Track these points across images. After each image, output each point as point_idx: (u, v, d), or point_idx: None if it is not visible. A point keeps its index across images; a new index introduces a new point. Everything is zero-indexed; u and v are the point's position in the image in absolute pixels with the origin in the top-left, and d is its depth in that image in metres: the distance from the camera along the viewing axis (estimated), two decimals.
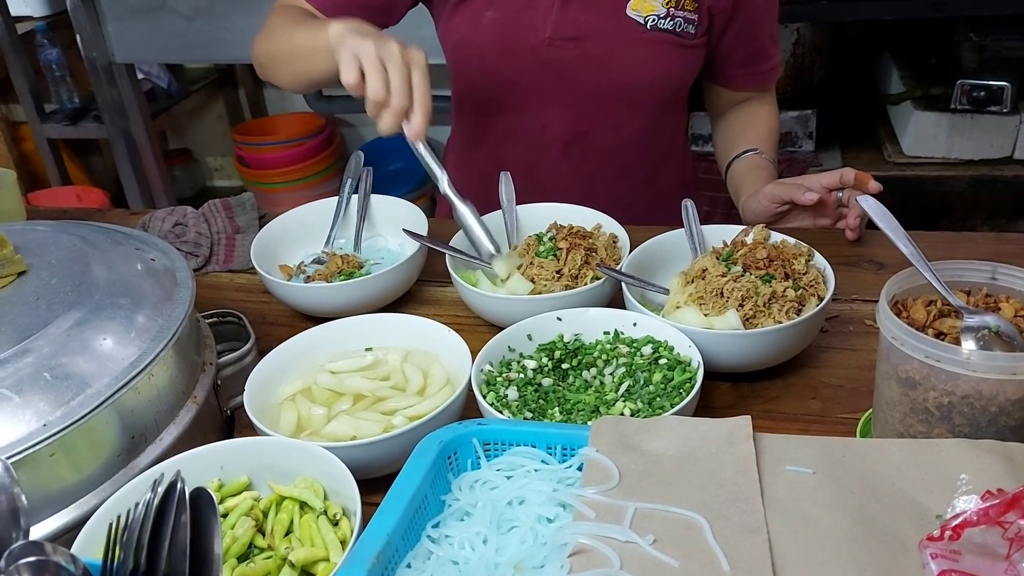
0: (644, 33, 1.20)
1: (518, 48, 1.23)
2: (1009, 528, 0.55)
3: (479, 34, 1.23)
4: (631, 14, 1.20)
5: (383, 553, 0.61)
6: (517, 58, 1.23)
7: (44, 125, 3.00)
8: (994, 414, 0.68)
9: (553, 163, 1.30)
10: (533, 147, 1.30)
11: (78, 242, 0.93)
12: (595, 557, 0.59)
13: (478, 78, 1.29)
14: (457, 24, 1.25)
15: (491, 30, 1.23)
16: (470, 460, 0.73)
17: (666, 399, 0.82)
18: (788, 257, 0.95)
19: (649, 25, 1.20)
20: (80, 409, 0.74)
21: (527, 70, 1.24)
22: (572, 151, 1.29)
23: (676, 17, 1.20)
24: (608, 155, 1.31)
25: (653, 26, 1.20)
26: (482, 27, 1.23)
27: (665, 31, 1.20)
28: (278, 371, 0.91)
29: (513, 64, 1.24)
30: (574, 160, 1.30)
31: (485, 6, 1.23)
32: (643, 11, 1.20)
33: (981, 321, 0.73)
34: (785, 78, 2.43)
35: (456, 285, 1.04)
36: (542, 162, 1.30)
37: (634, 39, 1.20)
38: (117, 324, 0.82)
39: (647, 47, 1.21)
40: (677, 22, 1.21)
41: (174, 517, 0.51)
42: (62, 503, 0.75)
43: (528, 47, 1.22)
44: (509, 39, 1.22)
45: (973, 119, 2.23)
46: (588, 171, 1.31)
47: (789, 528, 0.61)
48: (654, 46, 1.21)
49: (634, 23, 1.20)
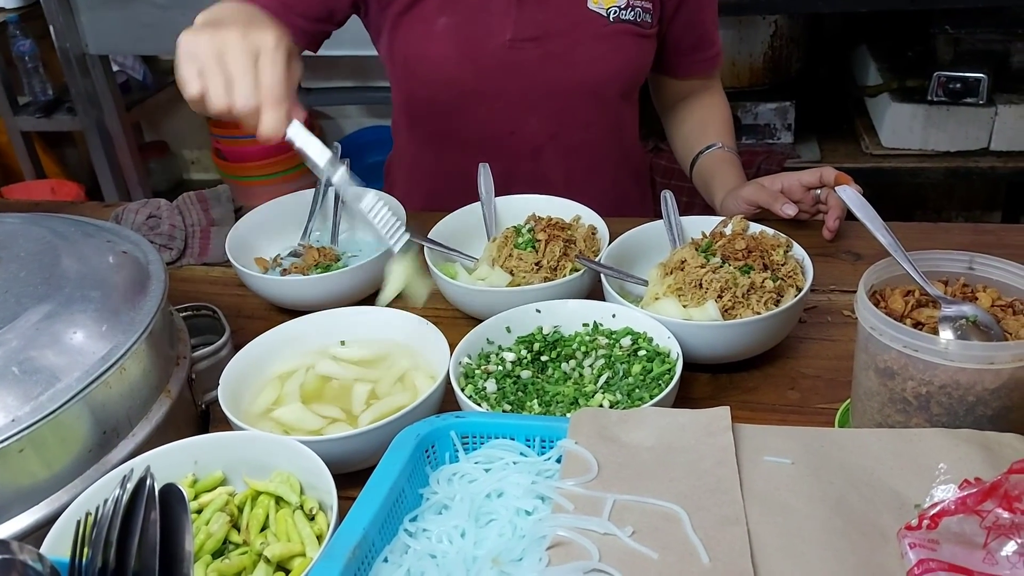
0: (607, 26, 1.18)
1: (478, 53, 1.18)
2: (987, 517, 0.55)
3: (433, 43, 1.17)
4: (593, 7, 1.18)
5: (359, 547, 0.60)
6: (477, 64, 1.18)
7: (17, 118, 2.96)
8: (971, 403, 0.69)
9: (523, 169, 1.26)
10: (501, 155, 1.23)
11: (48, 234, 0.91)
12: (574, 549, 0.58)
13: (436, 90, 1.23)
14: (406, 35, 1.18)
15: (447, 38, 1.17)
16: (448, 453, 0.72)
17: (645, 390, 0.82)
18: (767, 248, 0.95)
19: (612, 17, 1.18)
20: (50, 404, 0.72)
21: (489, 75, 1.19)
22: (542, 155, 1.26)
23: (635, 6, 1.19)
24: (577, 156, 1.30)
25: (615, 18, 1.18)
26: (436, 35, 1.17)
27: (627, 22, 1.19)
28: (253, 365, 0.90)
29: (474, 71, 1.18)
30: (544, 164, 1.27)
31: (436, 13, 1.16)
32: (604, 3, 1.18)
33: (959, 311, 0.73)
34: (763, 70, 2.44)
35: (435, 277, 1.03)
36: (512, 169, 1.24)
37: (597, 33, 1.19)
38: (88, 317, 0.80)
39: (610, 40, 1.20)
40: (636, 12, 1.20)
41: (144, 514, 0.50)
42: (32, 500, 0.73)
43: (488, 51, 1.18)
44: (467, 45, 1.17)
45: (949, 111, 2.24)
46: (559, 174, 1.28)
47: (768, 519, 0.61)
48: (616, 38, 1.20)
49: (596, 16, 1.18)
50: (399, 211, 1.14)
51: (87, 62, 2.67)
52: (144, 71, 3.09)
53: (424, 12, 1.16)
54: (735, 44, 2.42)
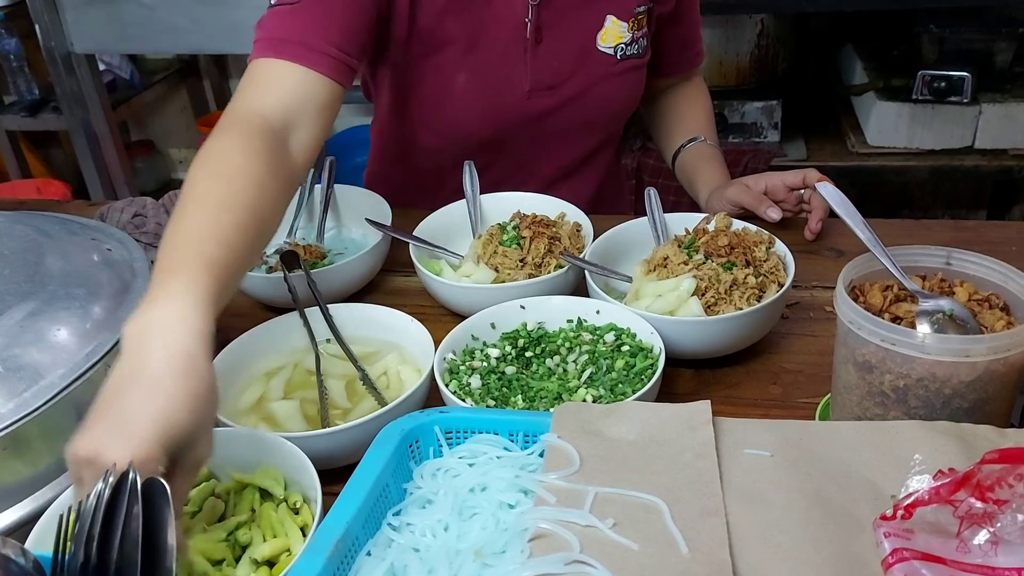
0: (616, 64, 1.19)
1: (498, 109, 1.17)
2: (960, 506, 0.56)
3: (452, 100, 1.15)
4: (602, 48, 1.17)
5: (343, 541, 0.61)
6: (499, 120, 1.18)
7: (2, 117, 2.95)
8: (948, 396, 0.70)
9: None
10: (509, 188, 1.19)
11: (32, 232, 0.91)
12: (555, 541, 0.59)
13: (449, 142, 1.21)
14: (423, 83, 1.16)
15: (467, 96, 1.15)
16: (432, 448, 0.73)
17: (628, 385, 0.82)
18: (749, 245, 0.96)
19: (619, 55, 1.18)
20: (34, 401, 0.73)
21: (510, 128, 1.19)
22: (557, 190, 1.22)
23: (638, 39, 1.20)
24: (587, 180, 1.31)
25: (623, 55, 1.19)
26: (455, 93, 1.15)
27: (632, 56, 1.20)
28: (239, 362, 0.90)
29: (493, 126, 1.18)
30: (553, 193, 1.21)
31: (454, 67, 1.14)
32: (612, 41, 1.18)
33: (936, 305, 0.74)
34: (750, 69, 2.45)
35: (420, 274, 1.03)
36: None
37: (607, 73, 1.19)
38: (72, 315, 0.80)
39: (619, 77, 1.20)
40: (639, 44, 1.20)
41: (126, 508, 0.50)
42: (16, 497, 0.73)
43: (508, 105, 1.17)
44: (488, 103, 1.16)
45: (934, 109, 2.26)
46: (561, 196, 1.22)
47: (747, 510, 0.61)
48: (624, 75, 1.20)
49: (606, 57, 1.18)
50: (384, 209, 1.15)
51: (73, 61, 2.66)
52: (131, 70, 3.09)
53: (442, 62, 1.14)
54: (722, 43, 2.43)
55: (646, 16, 1.20)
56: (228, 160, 0.82)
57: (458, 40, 1.13)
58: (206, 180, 0.80)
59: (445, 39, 1.12)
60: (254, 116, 0.89)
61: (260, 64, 0.96)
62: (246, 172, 0.81)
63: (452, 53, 1.13)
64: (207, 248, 0.72)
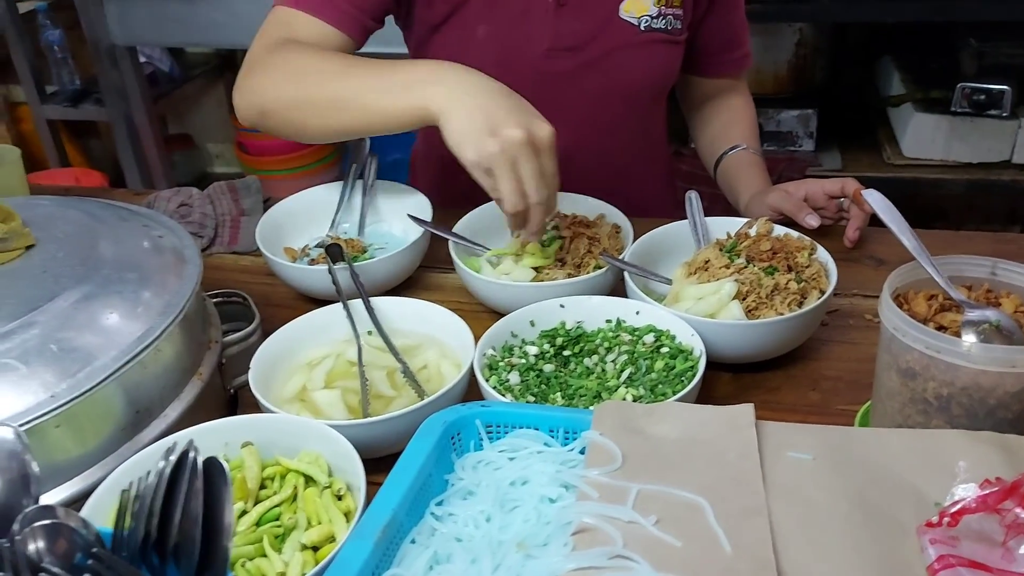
0: (638, 35, 1.19)
1: (515, 64, 1.18)
2: (1006, 516, 0.56)
3: (473, 51, 1.17)
4: (624, 16, 1.18)
5: (389, 527, 0.62)
6: (515, 74, 1.15)
7: (44, 106, 3.00)
8: (992, 406, 0.69)
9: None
10: None
11: (85, 217, 0.93)
12: (598, 536, 0.59)
13: None
14: (444, 41, 1.19)
15: (486, 46, 1.17)
16: (473, 441, 0.73)
17: (668, 386, 0.83)
18: (791, 250, 0.96)
19: (643, 26, 1.19)
20: (87, 382, 0.74)
21: (525, 85, 1.15)
22: (573, 162, 1.21)
23: (667, 15, 1.20)
24: (607, 159, 1.31)
25: (647, 27, 1.19)
26: (475, 44, 1.17)
27: (658, 30, 1.20)
28: (283, 351, 0.92)
29: (510, 80, 1.15)
30: (575, 171, 1.23)
31: (476, 20, 1.17)
32: (636, 12, 1.18)
33: (982, 315, 0.74)
34: (787, 77, 2.45)
35: (459, 271, 1.04)
36: None
37: (629, 42, 1.19)
38: (124, 299, 0.82)
39: (642, 49, 1.20)
40: (668, 20, 1.20)
41: (187, 485, 0.51)
42: (66, 475, 0.75)
43: (526, 61, 1.19)
44: (505, 55, 1.18)
45: (972, 122, 2.24)
46: (589, 178, 1.25)
47: (790, 511, 0.62)
48: (648, 47, 1.20)
49: (628, 25, 1.19)
50: (425, 205, 1.16)
51: (115, 53, 2.71)
52: (171, 63, 3.13)
53: (464, 19, 1.17)
54: (760, 51, 2.43)
55: None
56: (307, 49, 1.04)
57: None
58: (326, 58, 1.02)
59: None
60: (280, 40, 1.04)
61: (277, 13, 1.08)
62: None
63: (473, 7, 1.16)
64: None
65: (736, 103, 1.38)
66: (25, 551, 0.48)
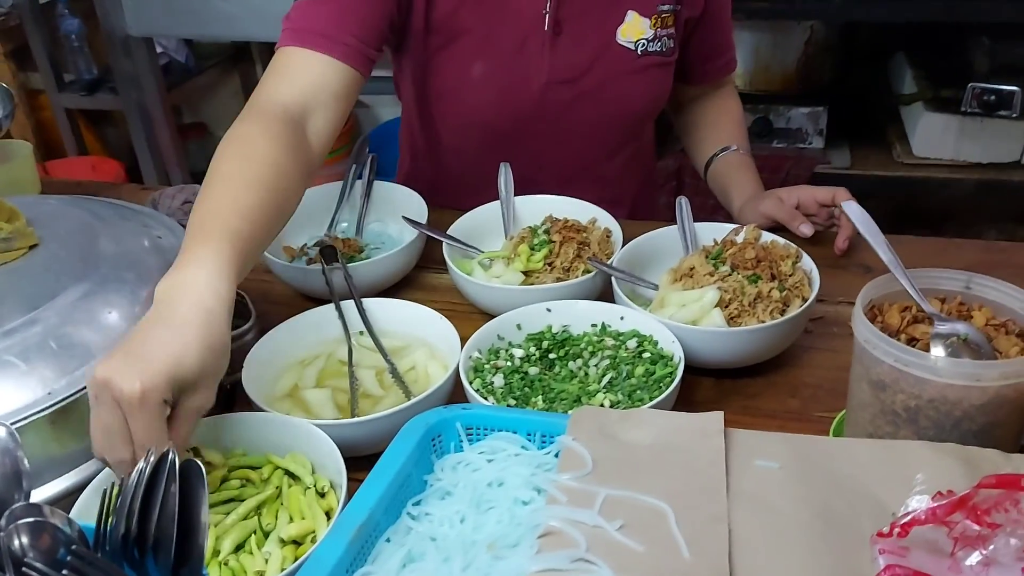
0: (636, 60, 1.19)
1: (514, 100, 1.18)
2: (955, 528, 0.57)
3: (469, 90, 1.17)
4: (622, 42, 1.18)
5: (364, 526, 0.64)
6: (512, 109, 1.19)
7: (62, 95, 3.04)
8: (958, 418, 0.71)
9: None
10: (528, 188, 1.19)
11: (87, 216, 0.96)
12: (563, 539, 0.62)
13: (467, 134, 1.23)
14: (440, 73, 1.18)
15: (484, 86, 1.17)
16: (453, 443, 0.76)
17: (646, 392, 0.85)
18: (776, 258, 0.98)
19: (640, 51, 1.19)
20: (84, 379, 0.77)
21: (522, 120, 1.20)
22: (571, 184, 1.23)
23: (662, 37, 1.20)
24: (604, 177, 1.32)
25: (643, 51, 1.19)
26: (472, 82, 1.17)
27: (654, 53, 1.20)
28: (276, 350, 0.95)
29: (510, 117, 1.19)
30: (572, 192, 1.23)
31: (471, 57, 1.16)
32: (633, 36, 1.18)
33: (952, 328, 0.75)
34: (796, 75, 2.45)
35: (451, 273, 1.06)
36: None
37: (626, 69, 1.19)
38: (122, 297, 0.85)
39: (639, 74, 1.21)
40: (663, 42, 1.21)
41: (164, 486, 0.54)
42: (63, 468, 0.78)
43: (524, 97, 1.18)
44: (504, 93, 1.17)
45: (983, 123, 2.23)
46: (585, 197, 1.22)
47: (753, 518, 0.63)
48: (645, 72, 1.21)
49: (626, 51, 1.19)
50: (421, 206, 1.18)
51: (130, 43, 2.74)
52: (187, 54, 3.16)
53: (459, 52, 1.16)
54: (769, 48, 2.43)
55: (672, 16, 1.20)
56: (252, 144, 0.91)
57: (475, 30, 1.15)
58: (231, 161, 0.89)
59: (461, 29, 1.15)
60: (274, 105, 0.98)
61: (283, 53, 1.05)
62: (267, 155, 0.89)
63: (469, 43, 1.16)
64: (231, 222, 0.81)
65: (721, 104, 1.38)
66: (10, 546, 0.51)
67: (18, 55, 3.13)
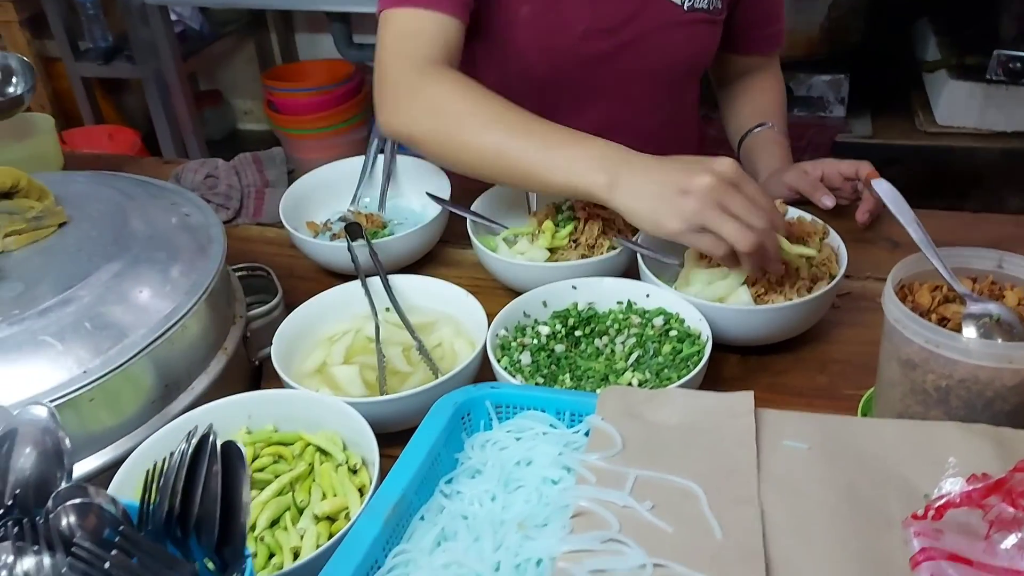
0: (681, 15, 1.18)
1: (553, 46, 1.17)
2: (990, 511, 0.58)
3: (517, 33, 1.17)
4: None
5: (399, 505, 0.65)
6: (553, 57, 1.18)
7: (78, 63, 3.04)
8: (990, 399, 0.71)
9: None
10: None
11: (116, 195, 0.97)
12: (595, 519, 0.62)
13: (502, 82, 1.19)
14: (494, 23, 1.17)
15: (526, 28, 1.16)
16: (483, 421, 0.76)
17: (674, 370, 0.85)
18: (803, 235, 0.97)
19: (686, 6, 1.18)
20: (118, 358, 0.78)
21: (563, 70, 1.19)
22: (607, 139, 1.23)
23: None
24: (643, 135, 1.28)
25: (690, 7, 1.18)
26: (518, 25, 1.16)
27: (700, 10, 1.19)
28: (304, 326, 0.95)
29: (549, 64, 1.18)
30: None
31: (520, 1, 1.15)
32: None
33: (983, 309, 0.75)
34: (819, 41, 2.41)
35: (476, 249, 1.06)
36: None
37: (670, 22, 1.18)
38: (153, 277, 0.86)
39: (684, 28, 1.19)
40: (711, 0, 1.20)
41: (207, 466, 0.55)
42: (99, 445, 0.80)
43: (564, 44, 1.17)
44: (544, 37, 1.17)
45: (1008, 90, 2.20)
46: None
47: (781, 500, 0.64)
48: (690, 27, 1.19)
49: (671, 6, 1.17)
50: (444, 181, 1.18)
51: (146, 11, 2.73)
52: (202, 21, 3.15)
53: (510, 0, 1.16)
54: (792, 14, 2.37)
55: None
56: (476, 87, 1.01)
57: None
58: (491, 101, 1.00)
59: None
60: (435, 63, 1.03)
61: (395, 18, 1.06)
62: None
63: None
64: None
65: (766, 85, 1.37)
66: (59, 527, 0.53)
67: (34, 23, 3.13)
